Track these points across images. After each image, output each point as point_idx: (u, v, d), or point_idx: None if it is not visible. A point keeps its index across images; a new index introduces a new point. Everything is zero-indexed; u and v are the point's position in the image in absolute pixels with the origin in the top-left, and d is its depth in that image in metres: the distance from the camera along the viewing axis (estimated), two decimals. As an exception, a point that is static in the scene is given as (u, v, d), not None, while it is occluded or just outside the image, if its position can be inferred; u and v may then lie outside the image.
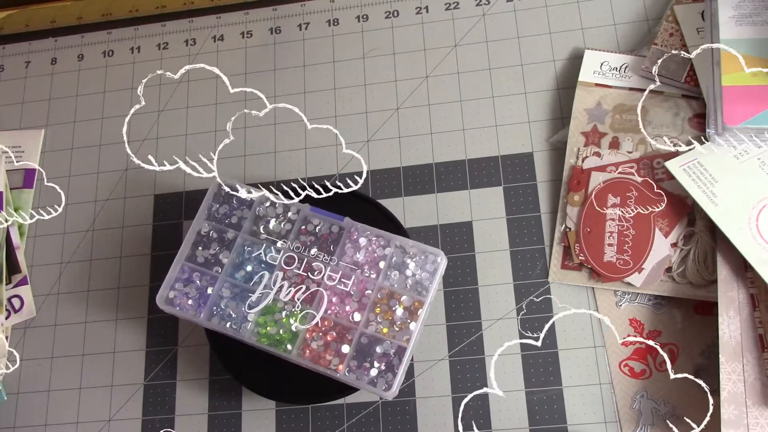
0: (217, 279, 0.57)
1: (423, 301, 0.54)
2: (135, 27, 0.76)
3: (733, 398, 0.52)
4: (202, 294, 0.57)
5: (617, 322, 0.59)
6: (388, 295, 0.54)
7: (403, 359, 0.53)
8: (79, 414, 0.64)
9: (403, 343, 0.53)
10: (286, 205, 0.57)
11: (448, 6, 0.71)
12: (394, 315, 0.54)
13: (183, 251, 0.58)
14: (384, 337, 0.54)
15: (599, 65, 0.64)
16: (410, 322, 0.54)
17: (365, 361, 0.53)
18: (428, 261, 0.55)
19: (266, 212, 0.58)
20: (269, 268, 0.56)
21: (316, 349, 0.54)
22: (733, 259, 0.55)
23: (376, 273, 0.55)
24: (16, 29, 0.78)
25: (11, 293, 0.67)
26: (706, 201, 0.56)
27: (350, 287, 0.55)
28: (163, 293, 0.57)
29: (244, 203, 0.58)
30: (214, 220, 0.58)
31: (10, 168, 0.71)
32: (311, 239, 0.56)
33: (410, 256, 0.55)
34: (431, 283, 0.54)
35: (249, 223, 0.57)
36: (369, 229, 0.56)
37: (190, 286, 0.57)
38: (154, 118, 0.71)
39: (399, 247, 0.55)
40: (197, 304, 0.56)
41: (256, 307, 0.55)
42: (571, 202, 0.61)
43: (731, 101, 0.56)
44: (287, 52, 0.72)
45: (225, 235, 0.57)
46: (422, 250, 0.55)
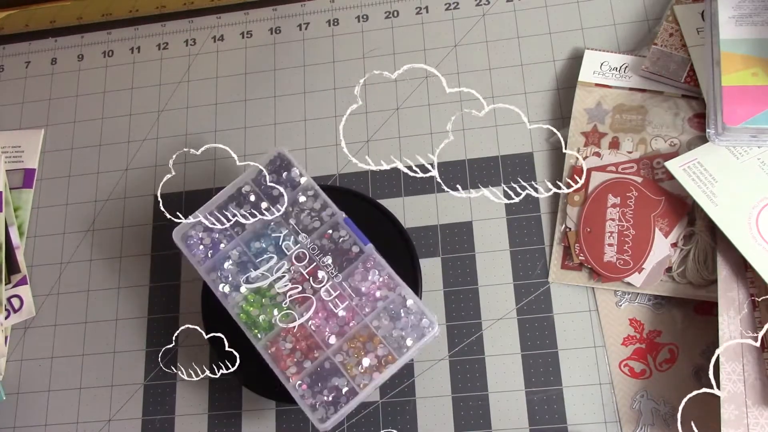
0: (233, 240, 0.57)
1: (396, 359, 0.53)
2: (135, 27, 0.76)
3: (733, 398, 0.51)
4: (214, 246, 0.57)
5: (617, 322, 0.59)
6: (369, 335, 0.54)
7: (350, 402, 0.52)
8: (79, 414, 0.64)
9: (358, 388, 0.53)
10: (325, 203, 0.57)
11: (448, 6, 0.71)
12: (364, 357, 0.53)
13: (217, 199, 0.58)
14: (345, 372, 0.53)
15: (599, 65, 0.64)
16: (375, 372, 0.53)
17: (318, 384, 0.53)
18: (421, 324, 0.53)
19: (306, 201, 0.57)
20: (279, 254, 0.56)
21: (282, 349, 0.54)
22: (733, 259, 0.55)
23: (369, 309, 0.54)
24: (16, 29, 0.78)
25: (11, 293, 0.67)
26: (706, 201, 0.55)
27: (340, 310, 0.54)
28: (182, 228, 0.57)
29: (292, 183, 0.57)
30: (259, 185, 0.58)
31: (10, 168, 0.71)
32: (330, 247, 0.56)
33: (407, 311, 0.54)
34: (412, 347, 0.53)
35: (285, 203, 0.57)
36: (385, 266, 0.55)
37: (208, 234, 0.57)
38: (154, 118, 0.72)
39: (401, 297, 0.54)
40: (205, 254, 0.57)
41: (252, 284, 0.55)
42: (571, 202, 0.61)
43: (731, 101, 0.56)
44: (287, 52, 0.72)
45: (260, 203, 0.57)
46: (420, 310, 0.54)
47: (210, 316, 0.59)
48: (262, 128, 0.69)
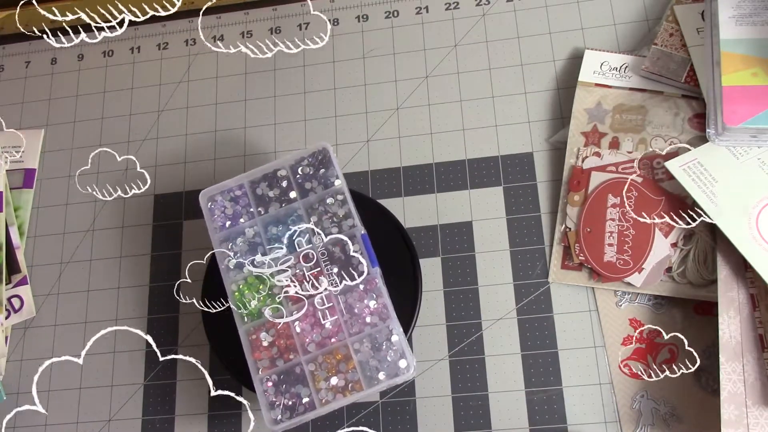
0: (253, 218, 0.57)
1: (363, 389, 0.52)
2: (135, 27, 0.76)
3: (733, 398, 0.51)
4: (234, 218, 0.57)
5: (617, 322, 0.59)
6: (346, 356, 0.53)
7: (306, 414, 0.52)
8: (79, 414, 0.64)
9: (318, 403, 0.52)
10: (349, 212, 0.56)
11: (448, 6, 0.71)
12: (334, 376, 0.53)
13: (253, 173, 0.58)
14: (312, 384, 0.53)
15: (599, 65, 0.64)
16: (340, 393, 0.52)
17: (283, 385, 0.53)
18: (398, 363, 0.53)
19: (333, 204, 0.57)
20: (290, 248, 0.56)
21: (261, 340, 0.54)
22: (733, 259, 0.55)
23: (356, 330, 0.54)
24: (16, 29, 0.78)
25: (11, 293, 0.67)
26: (706, 201, 0.55)
27: (327, 322, 0.54)
28: (210, 191, 0.58)
29: (325, 183, 0.57)
30: (294, 174, 0.58)
31: (10, 168, 0.71)
32: (340, 257, 0.55)
33: (390, 345, 0.53)
34: (383, 383, 0.52)
35: (313, 200, 0.57)
36: (384, 294, 0.54)
37: (232, 205, 0.57)
38: (154, 118, 0.72)
39: (389, 330, 0.53)
40: (223, 223, 0.57)
41: (256, 268, 0.55)
42: (571, 202, 0.61)
43: (731, 101, 0.56)
44: (287, 52, 0.72)
45: (289, 191, 0.57)
46: (402, 350, 0.53)
47: (210, 316, 0.59)
48: (262, 128, 0.69)
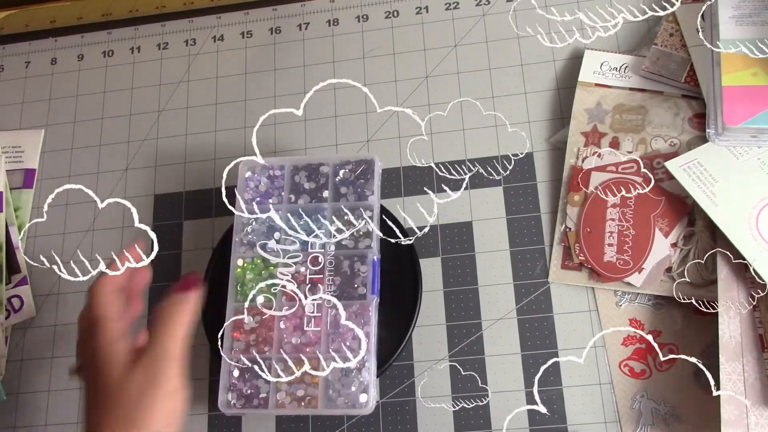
0: (282, 203, 0.58)
1: (318, 407, 0.52)
2: (135, 27, 0.76)
3: (733, 398, 0.51)
4: (264, 196, 0.58)
5: (617, 322, 0.59)
6: (314, 368, 0.53)
7: (258, 409, 0.53)
8: (79, 414, 0.64)
9: (274, 405, 0.53)
10: (371, 232, 0.56)
11: (448, 6, 0.71)
12: (296, 384, 0.53)
13: (298, 159, 0.59)
14: (275, 383, 0.53)
15: (599, 65, 0.64)
16: (295, 402, 0.53)
17: (247, 373, 0.54)
18: (359, 395, 0.52)
19: (359, 217, 0.56)
20: (303, 244, 0.56)
21: (245, 323, 0.55)
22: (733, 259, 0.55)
23: (334, 348, 0.53)
24: (16, 29, 0.78)
25: (11, 293, 0.67)
26: (706, 201, 0.55)
27: (309, 330, 0.54)
28: (251, 163, 0.59)
29: (360, 195, 0.57)
30: (335, 174, 0.58)
31: (10, 168, 0.71)
32: (345, 272, 0.56)
33: (358, 377, 0.53)
34: (337, 409, 0.52)
35: (342, 206, 0.57)
36: (372, 326, 0.54)
37: (268, 184, 0.58)
38: (154, 118, 0.72)
39: (363, 361, 0.53)
40: (252, 197, 0.58)
41: (265, 252, 0.56)
42: (571, 202, 0.61)
43: (731, 101, 0.56)
44: (287, 52, 0.72)
45: (324, 191, 0.58)
46: (367, 387, 0.53)
47: (210, 316, 0.59)
48: (262, 128, 0.69)
